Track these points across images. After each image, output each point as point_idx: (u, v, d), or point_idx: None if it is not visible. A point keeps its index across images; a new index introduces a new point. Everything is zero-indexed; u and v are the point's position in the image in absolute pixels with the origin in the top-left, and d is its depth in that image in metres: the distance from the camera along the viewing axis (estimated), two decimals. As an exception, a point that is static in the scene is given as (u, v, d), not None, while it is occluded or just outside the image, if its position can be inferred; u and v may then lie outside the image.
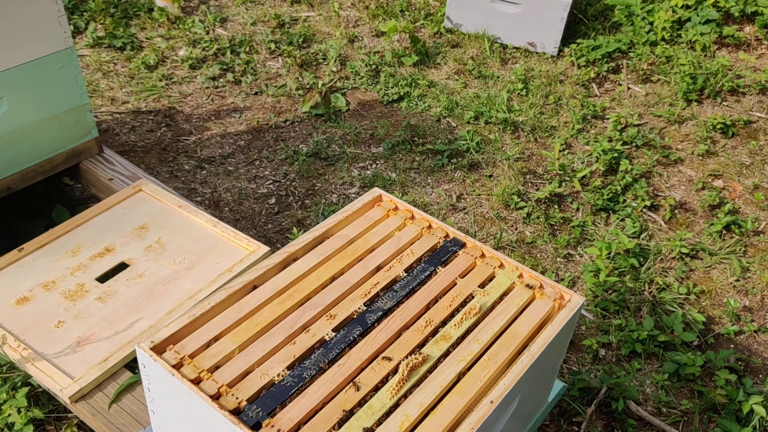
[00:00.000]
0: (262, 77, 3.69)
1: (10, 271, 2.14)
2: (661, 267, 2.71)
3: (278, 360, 1.45)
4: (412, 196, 2.98)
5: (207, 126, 3.34)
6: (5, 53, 2.17)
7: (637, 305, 2.52)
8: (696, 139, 3.42)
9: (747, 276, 2.70)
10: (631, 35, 4.03)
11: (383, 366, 1.45)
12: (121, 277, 2.14)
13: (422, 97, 3.62)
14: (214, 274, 2.16)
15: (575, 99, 3.64)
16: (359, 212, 1.87)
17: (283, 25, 4.13)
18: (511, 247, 2.77)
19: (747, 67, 3.87)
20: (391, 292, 1.64)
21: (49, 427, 1.96)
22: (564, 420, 2.14)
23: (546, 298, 1.66)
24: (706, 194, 3.05)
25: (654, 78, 3.81)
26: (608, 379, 2.21)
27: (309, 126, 3.38)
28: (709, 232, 2.88)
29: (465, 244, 1.79)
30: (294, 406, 1.36)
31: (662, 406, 2.22)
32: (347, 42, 4.01)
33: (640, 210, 2.96)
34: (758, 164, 3.29)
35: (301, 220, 2.83)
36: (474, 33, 4.07)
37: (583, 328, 2.46)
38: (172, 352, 1.42)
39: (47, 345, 1.91)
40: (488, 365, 1.48)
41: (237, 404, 1.35)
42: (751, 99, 3.70)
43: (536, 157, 3.25)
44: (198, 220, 2.36)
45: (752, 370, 2.37)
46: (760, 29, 4.00)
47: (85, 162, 2.66)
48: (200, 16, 4.13)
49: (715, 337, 2.46)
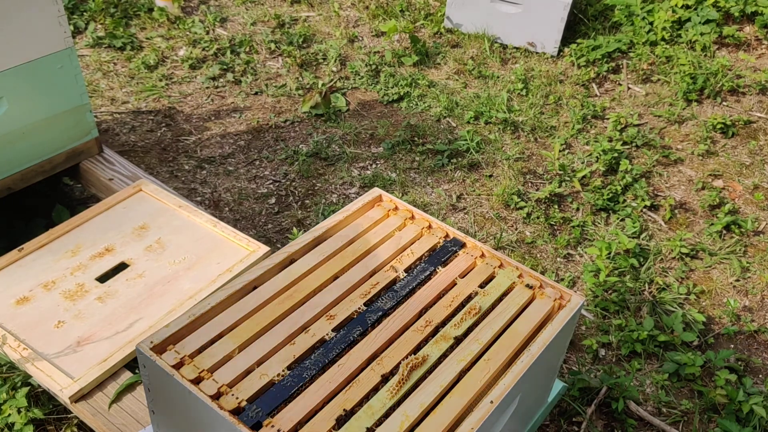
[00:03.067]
0: (262, 77, 3.69)
1: (10, 271, 2.13)
2: (661, 267, 2.71)
3: (278, 360, 1.45)
4: (412, 196, 2.98)
5: (207, 126, 3.34)
6: (5, 53, 2.17)
7: (637, 305, 2.52)
8: (696, 139, 3.42)
9: (747, 276, 2.70)
10: (631, 35, 4.03)
11: (383, 366, 1.45)
12: (121, 277, 2.14)
13: (422, 97, 3.62)
14: (214, 274, 2.16)
15: (575, 99, 3.64)
16: (359, 212, 1.87)
17: (283, 25, 4.13)
18: (511, 247, 2.77)
19: (747, 67, 3.87)
20: (391, 292, 1.64)
21: (50, 427, 1.96)
22: (564, 420, 2.14)
23: (546, 298, 1.66)
24: (706, 194, 3.05)
25: (654, 78, 3.82)
26: (608, 379, 2.21)
27: (309, 126, 3.38)
28: (709, 232, 2.88)
29: (465, 244, 1.79)
30: (294, 406, 1.36)
31: (662, 406, 2.22)
32: (347, 42, 4.01)
33: (640, 210, 2.96)
34: (758, 164, 3.29)
35: (301, 220, 2.83)
36: (474, 33, 4.07)
37: (583, 328, 2.46)
38: (172, 352, 1.42)
39: (47, 345, 1.91)
40: (488, 365, 1.48)
41: (237, 404, 1.35)
42: (751, 99, 3.70)
43: (536, 157, 3.25)
44: (198, 220, 2.36)
45: (752, 370, 2.37)
46: (760, 29, 4.00)
47: (85, 162, 2.66)
48: (200, 16, 4.13)
49: (715, 337, 2.47)
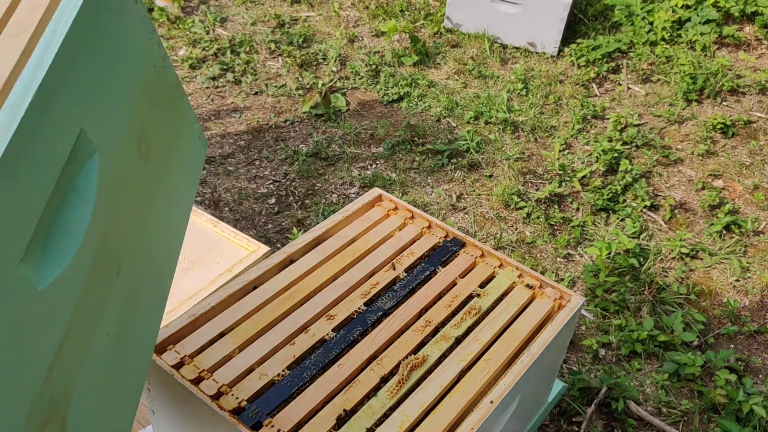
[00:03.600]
0: (262, 77, 3.69)
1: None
2: (661, 267, 2.71)
3: (278, 360, 1.45)
4: (412, 196, 2.98)
5: (207, 126, 3.33)
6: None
7: (637, 305, 2.52)
8: (696, 139, 3.42)
9: (747, 276, 2.70)
10: (631, 35, 4.03)
11: (383, 366, 1.45)
12: (121, 277, 2.14)
13: (422, 97, 3.62)
14: (214, 274, 2.16)
15: (575, 99, 3.64)
16: (359, 212, 1.86)
17: (283, 25, 4.13)
18: (511, 247, 2.77)
19: (747, 67, 3.87)
20: (391, 292, 1.64)
21: (49, 427, 1.96)
22: (564, 420, 2.14)
23: (546, 298, 1.66)
24: (706, 194, 3.05)
25: (654, 78, 3.81)
26: (608, 379, 2.21)
27: (309, 126, 3.38)
28: (709, 232, 2.88)
29: (465, 243, 1.79)
30: (294, 406, 1.36)
31: (662, 406, 2.22)
32: (347, 42, 4.01)
33: (640, 210, 2.96)
34: (758, 164, 3.29)
35: (301, 220, 2.83)
36: (474, 33, 4.07)
37: (583, 328, 2.46)
38: (172, 352, 1.42)
39: (47, 345, 1.91)
40: (488, 365, 1.48)
41: (237, 404, 1.34)
42: (751, 99, 3.70)
43: (536, 157, 3.25)
44: (198, 220, 2.36)
45: (752, 370, 2.37)
46: (760, 29, 4.00)
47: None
48: (200, 16, 4.13)
49: (715, 337, 2.47)
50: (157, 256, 1.10)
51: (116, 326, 0.92)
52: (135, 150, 0.97)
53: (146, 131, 0.99)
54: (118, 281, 0.93)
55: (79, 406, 0.76)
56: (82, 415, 0.77)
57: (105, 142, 0.87)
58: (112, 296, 0.91)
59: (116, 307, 0.92)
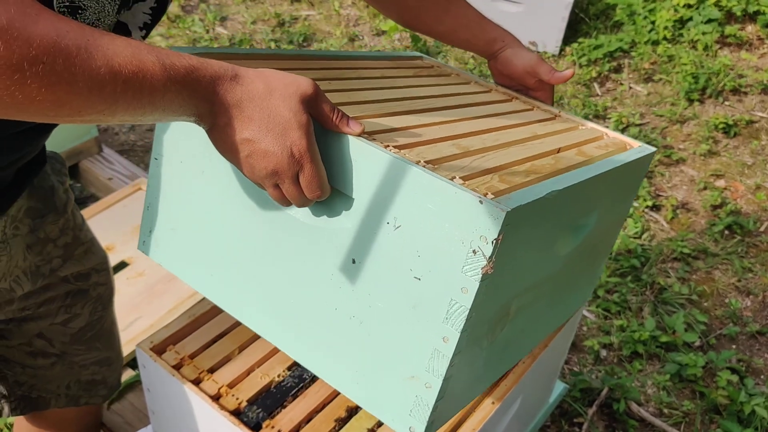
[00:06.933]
0: (263, 76, 3.68)
1: (9, 270, 2.13)
2: (662, 267, 2.70)
3: (279, 360, 1.44)
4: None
5: (207, 125, 3.32)
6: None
7: (639, 306, 2.52)
8: (698, 138, 3.41)
9: (749, 276, 2.70)
10: (633, 34, 4.03)
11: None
12: (121, 275, 2.13)
13: (423, 96, 3.60)
14: (215, 274, 2.15)
15: (577, 98, 3.63)
16: (360, 212, 1.86)
17: (284, 23, 4.13)
18: (513, 246, 2.76)
19: (749, 67, 3.86)
20: (392, 292, 1.63)
21: (49, 426, 1.95)
22: (565, 421, 2.13)
23: (548, 299, 1.66)
24: (708, 194, 3.05)
25: (656, 77, 3.81)
26: (609, 380, 2.20)
27: (310, 125, 3.37)
28: (711, 233, 2.87)
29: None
30: (294, 406, 1.35)
31: (664, 407, 2.21)
32: (348, 41, 4.00)
33: (642, 210, 2.95)
34: (760, 164, 3.28)
35: (301, 219, 2.82)
36: (475, 32, 4.06)
37: (584, 329, 2.45)
38: (172, 353, 1.42)
39: (46, 344, 1.90)
40: (490, 366, 1.48)
41: (237, 405, 1.34)
42: (754, 99, 3.69)
43: (537, 157, 3.24)
44: (198, 219, 2.34)
45: (754, 371, 2.36)
46: (763, 29, 3.99)
47: (85, 161, 2.65)
48: (200, 15, 4.12)
49: (717, 337, 2.46)
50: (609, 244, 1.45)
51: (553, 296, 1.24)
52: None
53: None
54: (578, 262, 1.26)
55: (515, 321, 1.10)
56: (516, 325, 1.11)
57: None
58: (567, 272, 1.23)
59: (563, 282, 1.25)
